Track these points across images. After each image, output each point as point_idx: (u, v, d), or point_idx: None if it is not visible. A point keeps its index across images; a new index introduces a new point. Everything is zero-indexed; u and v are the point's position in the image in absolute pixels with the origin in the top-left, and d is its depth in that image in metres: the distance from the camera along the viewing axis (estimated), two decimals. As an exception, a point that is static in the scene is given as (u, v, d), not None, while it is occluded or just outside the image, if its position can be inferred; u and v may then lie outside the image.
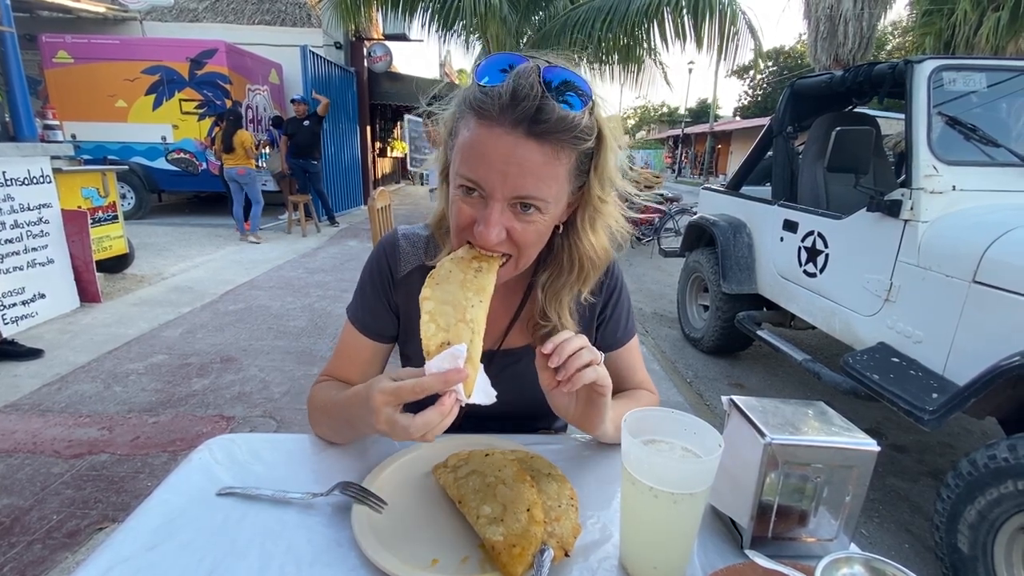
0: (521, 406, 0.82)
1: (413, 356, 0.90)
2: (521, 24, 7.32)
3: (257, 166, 7.27)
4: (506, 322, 0.87)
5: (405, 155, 19.10)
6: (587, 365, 0.64)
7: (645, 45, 7.56)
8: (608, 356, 0.91)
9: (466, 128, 0.65)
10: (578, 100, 0.63)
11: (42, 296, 3.65)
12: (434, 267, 0.81)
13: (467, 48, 8.24)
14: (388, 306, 0.87)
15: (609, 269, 0.89)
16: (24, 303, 3.52)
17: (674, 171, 33.25)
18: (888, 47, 19.81)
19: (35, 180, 3.65)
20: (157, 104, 8.30)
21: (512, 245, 0.68)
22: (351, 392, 0.72)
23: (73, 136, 7.63)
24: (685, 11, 6.41)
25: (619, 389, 0.90)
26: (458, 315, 0.61)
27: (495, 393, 0.63)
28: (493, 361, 0.86)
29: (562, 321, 0.81)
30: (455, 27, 7.54)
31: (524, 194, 0.64)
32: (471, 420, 0.88)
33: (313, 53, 8.62)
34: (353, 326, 0.88)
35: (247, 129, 7.17)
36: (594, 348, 0.66)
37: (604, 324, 0.90)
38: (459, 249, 0.69)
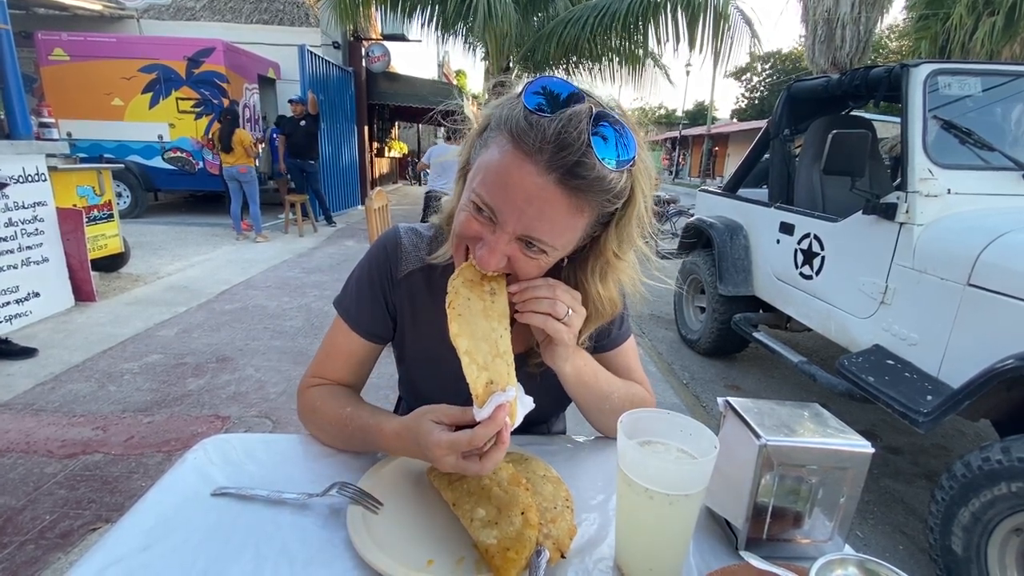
0: None
1: (407, 356, 0.88)
2: (522, 25, 7.32)
3: (256, 166, 7.25)
4: None
5: (403, 155, 19.11)
6: (545, 313, 0.67)
7: (641, 45, 7.58)
8: (603, 356, 0.89)
9: (497, 147, 0.62)
10: (621, 161, 0.60)
11: (36, 295, 3.63)
12: (435, 264, 0.80)
13: (466, 49, 8.24)
14: (386, 307, 0.84)
15: None
16: (18, 302, 3.49)
17: (672, 173, 33.34)
18: (885, 50, 19.91)
19: (30, 178, 3.63)
20: (154, 103, 8.28)
21: (511, 270, 0.68)
22: (391, 432, 0.70)
23: (69, 134, 7.60)
24: (679, 6, 6.43)
25: None
26: (492, 350, 0.63)
27: (531, 399, 0.65)
28: None
29: None
30: (454, 28, 7.54)
31: (535, 236, 0.62)
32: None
33: (311, 53, 8.60)
34: (346, 324, 0.84)
35: (245, 128, 7.15)
36: (567, 302, 0.68)
37: None
38: (464, 267, 0.69)
